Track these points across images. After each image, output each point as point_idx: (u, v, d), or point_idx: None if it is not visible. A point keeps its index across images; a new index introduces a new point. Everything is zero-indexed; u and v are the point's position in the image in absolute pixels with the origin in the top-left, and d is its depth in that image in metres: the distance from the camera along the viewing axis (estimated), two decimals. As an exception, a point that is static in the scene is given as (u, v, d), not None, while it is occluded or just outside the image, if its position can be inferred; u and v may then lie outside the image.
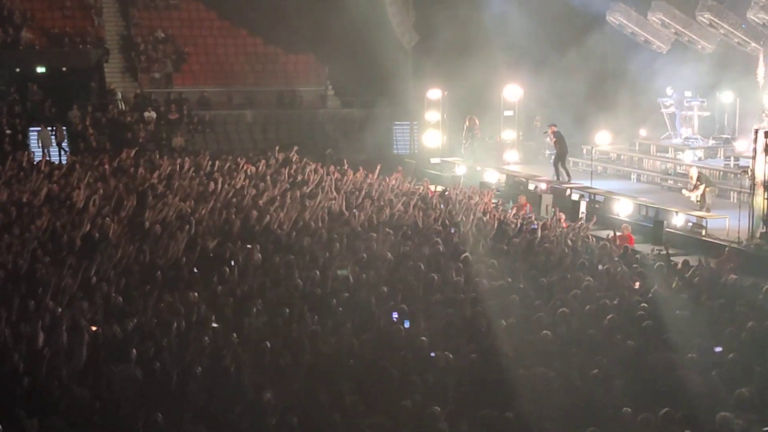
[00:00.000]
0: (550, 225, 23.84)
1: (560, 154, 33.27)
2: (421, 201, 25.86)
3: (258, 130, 43.97)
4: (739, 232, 25.43)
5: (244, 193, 25.70)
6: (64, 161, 36.31)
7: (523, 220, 24.14)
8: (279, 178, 28.86)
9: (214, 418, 11.70)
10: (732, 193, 30.87)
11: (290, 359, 13.25)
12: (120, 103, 42.86)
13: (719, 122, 37.00)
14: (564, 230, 23.41)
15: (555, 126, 33.57)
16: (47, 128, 40.04)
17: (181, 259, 18.38)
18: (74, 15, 45.41)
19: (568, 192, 31.00)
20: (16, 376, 12.26)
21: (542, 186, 32.17)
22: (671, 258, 21.40)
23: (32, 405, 11.62)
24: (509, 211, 27.12)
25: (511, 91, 39.09)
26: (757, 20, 34.84)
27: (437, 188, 29.93)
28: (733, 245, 24.53)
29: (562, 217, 25.41)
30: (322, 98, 46.11)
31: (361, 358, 13.58)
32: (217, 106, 44.67)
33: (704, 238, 26.26)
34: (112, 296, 15.80)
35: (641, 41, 38.88)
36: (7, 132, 39.58)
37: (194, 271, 17.74)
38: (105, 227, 20.31)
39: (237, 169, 30.08)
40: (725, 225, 26.39)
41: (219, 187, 26.40)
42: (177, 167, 30.35)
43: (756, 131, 26.39)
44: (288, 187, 27.28)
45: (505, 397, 12.28)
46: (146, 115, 42.19)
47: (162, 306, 15.33)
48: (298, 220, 22.26)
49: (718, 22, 36.32)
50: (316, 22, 43.09)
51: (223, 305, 15.57)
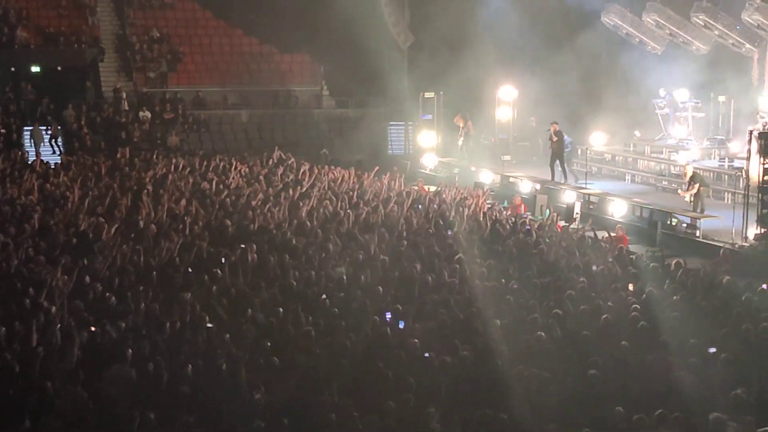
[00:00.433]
0: (544, 226, 23.84)
1: (558, 153, 33.22)
2: (416, 201, 25.84)
3: (253, 129, 43.94)
4: (733, 233, 25.47)
5: (238, 193, 25.69)
6: (57, 158, 36.33)
7: (517, 221, 24.14)
8: (273, 178, 28.85)
9: (207, 417, 11.70)
10: (726, 194, 30.90)
11: (285, 359, 13.25)
12: (124, 102, 42.82)
13: (714, 123, 37.02)
14: (558, 231, 23.42)
15: (557, 124, 33.44)
16: (39, 127, 40.01)
17: (176, 259, 18.36)
18: (69, 14, 45.40)
19: (562, 192, 31.00)
20: (10, 375, 12.24)
21: (537, 186, 32.17)
22: (665, 259, 21.39)
23: (26, 404, 11.62)
24: (504, 211, 27.11)
25: (506, 92, 39.06)
26: (751, 21, 34.91)
27: (432, 189, 29.89)
28: (727, 246, 24.56)
29: (557, 217, 25.42)
30: (317, 98, 46.11)
31: (355, 358, 13.58)
32: (213, 105, 44.64)
33: (699, 239, 26.29)
34: (106, 296, 15.79)
35: (636, 42, 38.93)
36: (2, 131, 39.53)
37: (189, 271, 17.72)
38: (99, 227, 20.28)
39: (232, 169, 30.06)
40: (719, 226, 26.41)
41: (213, 186, 26.40)
42: (172, 167, 30.33)
43: (750, 132, 26.48)
44: (282, 187, 27.26)
45: (500, 397, 12.28)
46: (141, 114, 42.16)
47: (156, 306, 15.31)
48: (292, 220, 22.23)
49: (713, 23, 36.40)
50: (311, 21, 43.08)
51: (217, 305, 15.55)
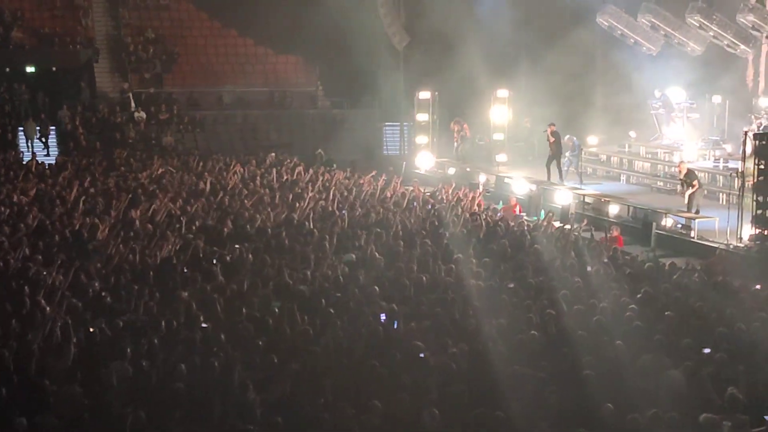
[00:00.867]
0: (539, 226, 23.87)
1: (554, 154, 33.23)
2: (411, 202, 25.86)
3: (248, 130, 43.94)
4: (728, 234, 25.48)
5: (234, 193, 25.71)
6: (50, 157, 36.41)
7: (512, 221, 24.16)
8: (269, 178, 28.87)
9: (201, 416, 11.72)
10: (721, 194, 30.93)
11: (280, 358, 13.27)
12: (132, 102, 42.82)
13: (708, 124, 37.04)
14: (553, 231, 23.45)
15: (554, 125, 33.48)
16: (32, 121, 40.00)
17: (172, 259, 18.38)
18: (64, 15, 45.36)
19: (557, 193, 31.02)
20: (7, 373, 12.27)
21: (532, 187, 32.19)
22: (660, 259, 21.44)
23: (23, 402, 11.63)
24: (499, 212, 27.13)
25: (501, 92, 39.05)
26: (746, 22, 34.95)
27: (427, 189, 29.91)
28: (722, 247, 24.58)
29: (552, 218, 25.45)
30: (312, 99, 46.10)
31: (350, 357, 13.60)
32: (207, 106, 44.63)
33: (693, 240, 26.32)
34: (103, 295, 15.81)
35: (631, 43, 38.94)
36: (-3, 132, 39.62)
37: (185, 271, 17.74)
38: (95, 226, 20.30)
39: (227, 169, 30.07)
40: (714, 226, 26.44)
41: (209, 187, 26.41)
42: (167, 167, 30.34)
43: (745, 133, 26.48)
44: (278, 187, 27.28)
45: (495, 397, 12.30)
46: (136, 115, 42.15)
47: (152, 305, 15.33)
48: (288, 221, 22.26)
49: (708, 24, 36.42)
50: (306, 22, 42.98)
51: (213, 304, 15.57)
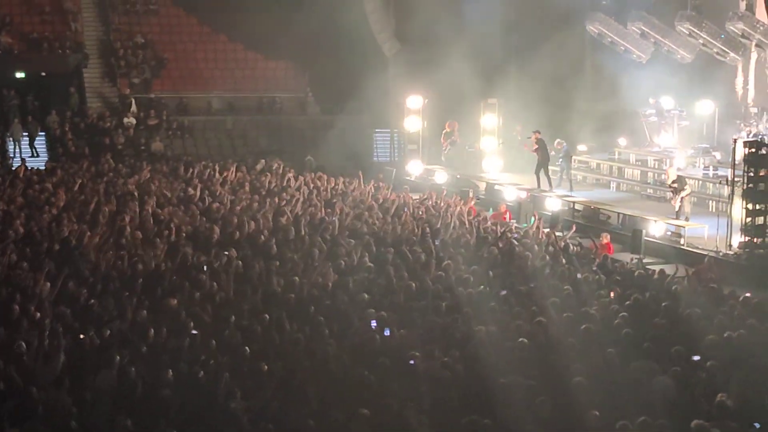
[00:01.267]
0: (529, 233, 23.87)
1: (542, 161, 33.24)
2: (401, 208, 25.84)
3: (237, 136, 43.88)
4: (717, 241, 25.53)
5: (223, 200, 25.64)
6: (38, 162, 36.36)
7: (502, 228, 24.15)
8: (258, 184, 28.81)
9: (189, 424, 11.67)
10: (710, 202, 30.98)
11: (268, 366, 13.22)
12: (134, 107, 42.77)
13: (698, 132, 37.09)
14: (543, 238, 23.44)
15: (539, 132, 33.49)
16: (18, 123, 39.93)
17: (161, 266, 18.32)
18: (53, 20, 45.20)
19: (547, 200, 31.03)
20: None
21: (522, 194, 32.19)
22: (650, 267, 21.46)
23: (10, 411, 11.58)
24: (489, 219, 27.11)
25: (491, 100, 39.06)
26: (735, 30, 35.01)
27: (417, 196, 29.87)
28: (711, 254, 24.62)
29: (542, 225, 25.44)
30: (302, 105, 46.04)
31: (339, 364, 13.55)
32: (197, 111, 44.55)
33: (683, 247, 26.34)
34: (91, 302, 15.74)
35: (621, 50, 38.97)
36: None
37: (173, 278, 17.67)
38: (83, 233, 20.22)
39: (216, 175, 30.00)
40: (704, 234, 26.48)
41: (198, 193, 26.34)
42: (156, 173, 30.27)
43: (735, 141, 26.55)
44: (267, 193, 27.23)
45: (484, 404, 12.28)
46: (125, 120, 42.07)
47: (141, 312, 15.27)
48: (277, 227, 22.21)
49: (697, 32, 36.47)
50: (295, 28, 43.01)
51: (201, 312, 15.52)
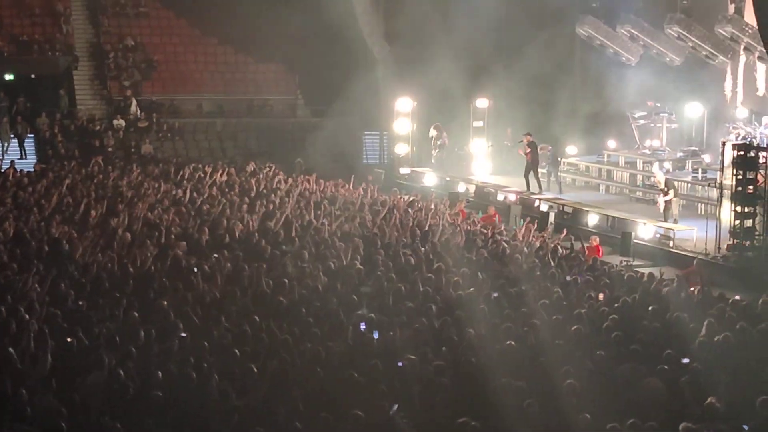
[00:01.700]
0: (519, 236, 23.91)
1: (531, 164, 33.25)
2: (391, 211, 25.85)
3: (228, 138, 43.87)
4: (706, 244, 25.59)
5: (213, 202, 25.63)
6: (27, 162, 36.33)
7: (491, 231, 24.19)
8: (248, 186, 28.81)
9: (178, 425, 11.68)
10: (699, 204, 31.03)
11: (258, 367, 13.22)
12: (137, 109, 42.76)
13: (687, 134, 37.17)
14: (533, 241, 23.49)
15: (530, 135, 33.51)
16: (6, 123, 39.88)
17: (151, 267, 18.31)
18: (43, 22, 45.11)
19: (537, 203, 31.08)
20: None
21: (511, 197, 32.24)
22: (638, 269, 21.52)
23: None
24: (478, 221, 27.15)
25: (481, 102, 39.12)
26: (724, 33, 35.09)
27: (407, 198, 29.87)
28: (700, 257, 24.67)
29: (532, 228, 25.47)
30: (292, 107, 46.05)
31: (328, 366, 13.56)
32: (187, 114, 44.51)
33: (672, 250, 26.40)
34: (80, 304, 15.73)
35: (610, 53, 39.06)
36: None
37: (163, 280, 17.66)
38: (72, 235, 20.20)
39: (206, 178, 29.99)
40: (693, 236, 26.53)
41: (188, 195, 26.33)
42: (146, 175, 30.27)
43: (723, 144, 26.61)
44: (257, 195, 27.23)
45: (474, 406, 12.30)
46: (115, 122, 42.02)
47: (131, 314, 15.26)
48: (267, 229, 22.21)
49: (686, 35, 36.57)
50: (286, 31, 42.96)
51: (191, 313, 15.52)
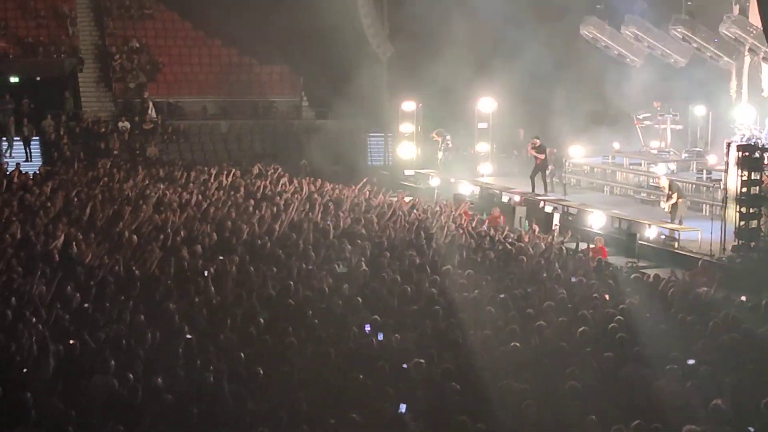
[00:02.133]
0: (524, 237, 23.92)
1: (539, 166, 33.25)
2: (396, 213, 25.87)
3: (232, 140, 43.89)
4: (711, 245, 25.58)
5: (218, 204, 25.65)
6: (32, 165, 36.37)
7: (496, 233, 24.20)
8: (254, 188, 28.83)
9: (185, 428, 11.70)
10: (704, 206, 31.04)
11: (264, 370, 13.24)
12: (153, 110, 42.81)
13: (692, 136, 37.17)
14: (538, 242, 23.50)
15: (539, 139, 33.50)
16: (11, 125, 39.93)
17: (157, 270, 18.33)
18: (48, 24, 45.14)
19: (541, 204, 31.09)
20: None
21: (516, 198, 32.26)
22: (643, 270, 21.51)
23: (4, 415, 11.59)
24: (483, 223, 27.16)
25: (486, 104, 39.16)
26: (729, 34, 35.07)
27: (412, 200, 29.91)
28: (705, 258, 24.67)
29: (536, 229, 25.50)
30: (296, 109, 46.10)
31: (334, 368, 13.58)
32: (192, 116, 44.56)
33: (677, 251, 26.40)
34: (85, 306, 15.75)
35: (615, 55, 39.06)
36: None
37: (169, 282, 17.69)
38: (80, 237, 20.22)
39: (212, 180, 30.02)
40: (698, 238, 26.53)
41: (194, 197, 26.35)
42: (152, 177, 30.30)
43: (728, 145, 26.60)
44: (263, 197, 27.25)
45: (478, 408, 12.31)
46: (120, 125, 42.06)
47: (138, 316, 15.29)
48: (273, 231, 22.23)
49: (691, 36, 36.56)
50: (290, 33, 43.03)
51: (198, 316, 15.54)
